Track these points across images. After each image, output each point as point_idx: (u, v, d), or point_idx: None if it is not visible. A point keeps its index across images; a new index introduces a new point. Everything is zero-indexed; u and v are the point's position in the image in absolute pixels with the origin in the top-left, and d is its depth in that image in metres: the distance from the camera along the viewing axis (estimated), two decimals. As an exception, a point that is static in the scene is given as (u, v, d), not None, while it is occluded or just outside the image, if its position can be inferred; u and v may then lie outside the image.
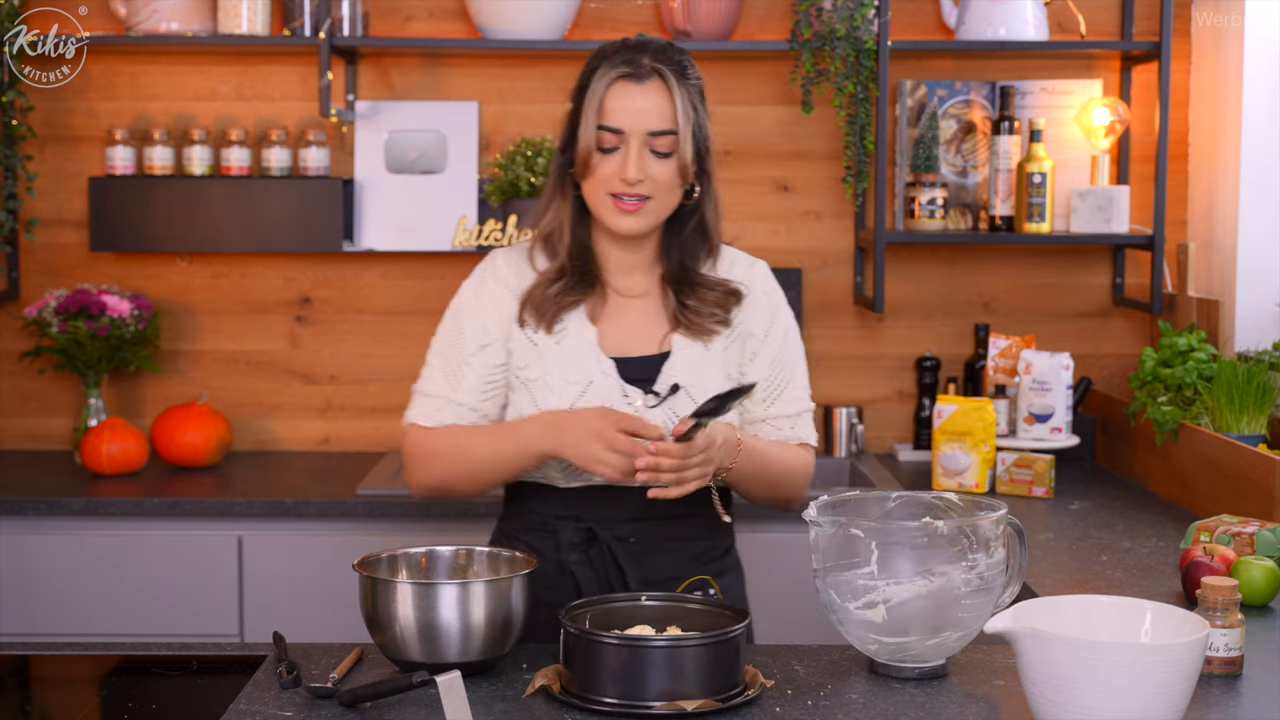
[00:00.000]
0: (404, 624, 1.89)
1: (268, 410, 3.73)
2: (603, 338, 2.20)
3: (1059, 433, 3.40)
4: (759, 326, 2.25)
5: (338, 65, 3.58)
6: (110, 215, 3.52)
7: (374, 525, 3.18)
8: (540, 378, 2.17)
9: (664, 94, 2.13)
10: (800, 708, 1.82)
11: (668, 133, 2.13)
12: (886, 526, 1.91)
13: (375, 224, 3.61)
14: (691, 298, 2.20)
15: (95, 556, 3.19)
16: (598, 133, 2.13)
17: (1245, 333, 3.35)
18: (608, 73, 2.13)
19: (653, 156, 2.13)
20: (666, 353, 2.20)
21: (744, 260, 2.30)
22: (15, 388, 3.71)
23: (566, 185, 2.21)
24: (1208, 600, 1.93)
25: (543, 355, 2.18)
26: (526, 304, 2.19)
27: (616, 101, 2.12)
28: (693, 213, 2.22)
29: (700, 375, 2.19)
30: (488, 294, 2.23)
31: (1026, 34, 3.45)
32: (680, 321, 2.20)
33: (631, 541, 2.20)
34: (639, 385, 2.17)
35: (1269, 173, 3.38)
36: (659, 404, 2.17)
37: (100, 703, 1.98)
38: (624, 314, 2.22)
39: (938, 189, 3.54)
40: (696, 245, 2.23)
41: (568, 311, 2.19)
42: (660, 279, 2.24)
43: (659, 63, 2.13)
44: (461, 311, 2.24)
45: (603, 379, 2.17)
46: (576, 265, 2.20)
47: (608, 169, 2.13)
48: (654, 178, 2.13)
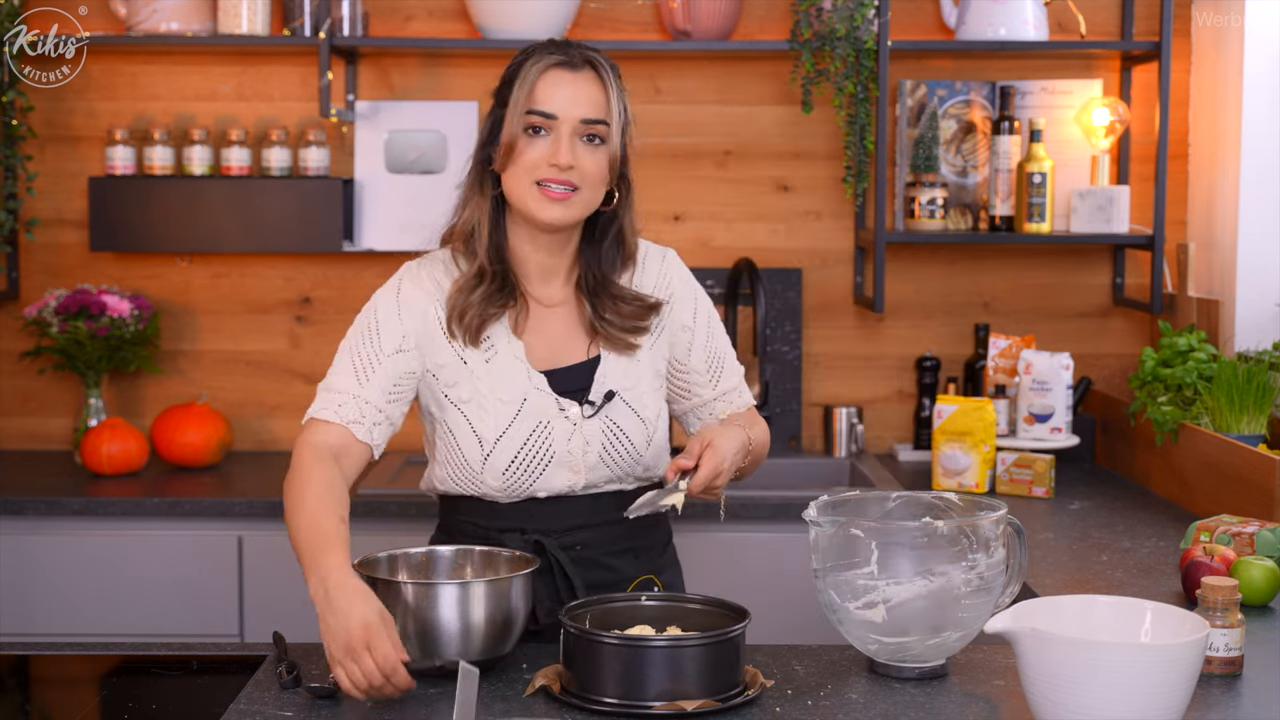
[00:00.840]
0: (404, 624, 1.89)
1: (268, 410, 3.73)
2: (530, 352, 2.17)
3: (1059, 433, 3.40)
4: (685, 316, 2.26)
5: (338, 65, 3.58)
6: (110, 215, 3.52)
7: (374, 525, 3.18)
8: (473, 398, 2.14)
9: (598, 84, 2.11)
10: (800, 708, 1.82)
11: (600, 122, 2.11)
12: (886, 526, 1.91)
13: (375, 224, 3.61)
14: (609, 310, 2.18)
15: (95, 556, 3.19)
16: (526, 117, 2.09)
17: (1245, 333, 3.35)
18: (540, 61, 2.11)
19: (582, 146, 2.11)
20: (596, 358, 2.20)
21: (655, 252, 2.28)
22: (15, 388, 3.71)
23: (485, 183, 2.17)
24: (1208, 600, 1.93)
25: (473, 374, 2.15)
26: (451, 312, 2.15)
27: (549, 88, 2.10)
28: (611, 221, 2.20)
29: (631, 378, 2.20)
30: (408, 301, 2.18)
31: (1026, 34, 3.45)
32: (598, 333, 2.19)
33: (577, 549, 2.20)
34: (572, 396, 2.17)
35: (1269, 173, 3.38)
36: (595, 413, 2.16)
37: (100, 703, 1.98)
38: (546, 324, 2.20)
39: (938, 189, 3.54)
40: (614, 255, 2.21)
41: (491, 324, 2.15)
42: (576, 288, 2.21)
43: (591, 56, 2.13)
44: (378, 314, 2.18)
45: (536, 395, 2.15)
46: (495, 269, 2.16)
47: (534, 155, 2.09)
48: (583, 168, 2.10)
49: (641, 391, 2.19)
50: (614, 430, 2.17)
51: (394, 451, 3.67)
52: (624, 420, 2.17)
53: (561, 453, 2.15)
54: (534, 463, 2.14)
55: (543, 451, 2.14)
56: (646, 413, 2.19)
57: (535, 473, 2.15)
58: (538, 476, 2.15)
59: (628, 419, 2.18)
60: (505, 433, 2.13)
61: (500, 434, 2.13)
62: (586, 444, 2.15)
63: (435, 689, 1.88)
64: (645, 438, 2.19)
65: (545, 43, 2.16)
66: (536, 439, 2.14)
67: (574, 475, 2.16)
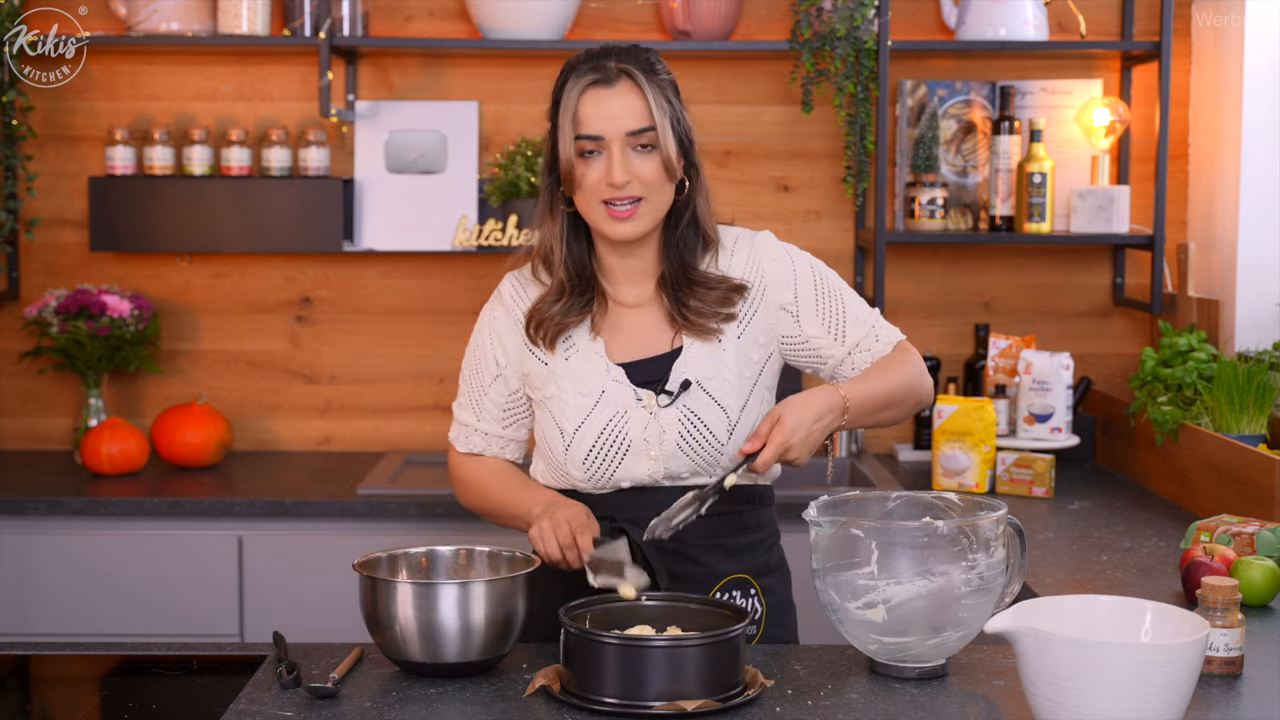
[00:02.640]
0: (404, 624, 1.89)
1: (268, 410, 3.73)
2: (609, 347, 2.20)
3: (1059, 433, 3.40)
4: (783, 297, 2.23)
5: (338, 65, 3.58)
6: (110, 215, 3.52)
7: (374, 525, 3.18)
8: (555, 395, 2.19)
9: (635, 93, 2.12)
10: (800, 708, 1.82)
11: (646, 129, 2.12)
12: (886, 526, 1.91)
13: (375, 224, 3.61)
14: (692, 298, 2.19)
15: (95, 556, 3.19)
16: (577, 142, 2.12)
17: (1245, 333, 3.35)
18: (576, 83, 2.13)
19: (636, 156, 2.12)
20: (678, 349, 2.20)
21: (745, 237, 2.27)
22: (15, 388, 3.71)
23: (557, 204, 2.20)
24: (1208, 600, 1.93)
25: (554, 373, 2.19)
26: (530, 322, 2.21)
27: (590, 108, 2.11)
28: (686, 207, 2.22)
29: (714, 367, 2.18)
30: (497, 326, 2.25)
31: (1027, 34, 3.45)
32: (681, 323, 2.20)
33: (664, 541, 2.19)
34: (650, 387, 2.18)
35: (1269, 173, 3.38)
36: (672, 403, 2.16)
37: (100, 703, 1.98)
38: (627, 321, 2.22)
39: (938, 189, 3.54)
40: (692, 240, 2.22)
41: (571, 329, 2.20)
42: (657, 285, 2.23)
43: (625, 64, 2.13)
44: (478, 343, 2.28)
45: (614, 387, 2.17)
46: (575, 283, 2.20)
47: (593, 177, 2.12)
48: (641, 177, 2.12)
49: (725, 380, 2.18)
50: (691, 419, 2.16)
51: (394, 451, 3.68)
52: (703, 409, 2.16)
53: (638, 441, 2.15)
54: (612, 451, 2.15)
55: (620, 440, 2.15)
56: (728, 402, 2.17)
57: (614, 461, 2.15)
58: (617, 466, 2.16)
59: (707, 408, 2.16)
60: (583, 423, 2.16)
61: (579, 425, 2.16)
62: (663, 432, 2.15)
63: (435, 689, 1.88)
64: (726, 427, 2.16)
65: (583, 56, 2.17)
66: (613, 428, 2.15)
67: (652, 464, 2.16)
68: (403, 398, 3.73)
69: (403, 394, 3.73)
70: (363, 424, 3.73)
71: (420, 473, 3.50)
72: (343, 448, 3.74)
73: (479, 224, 3.59)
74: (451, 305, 3.70)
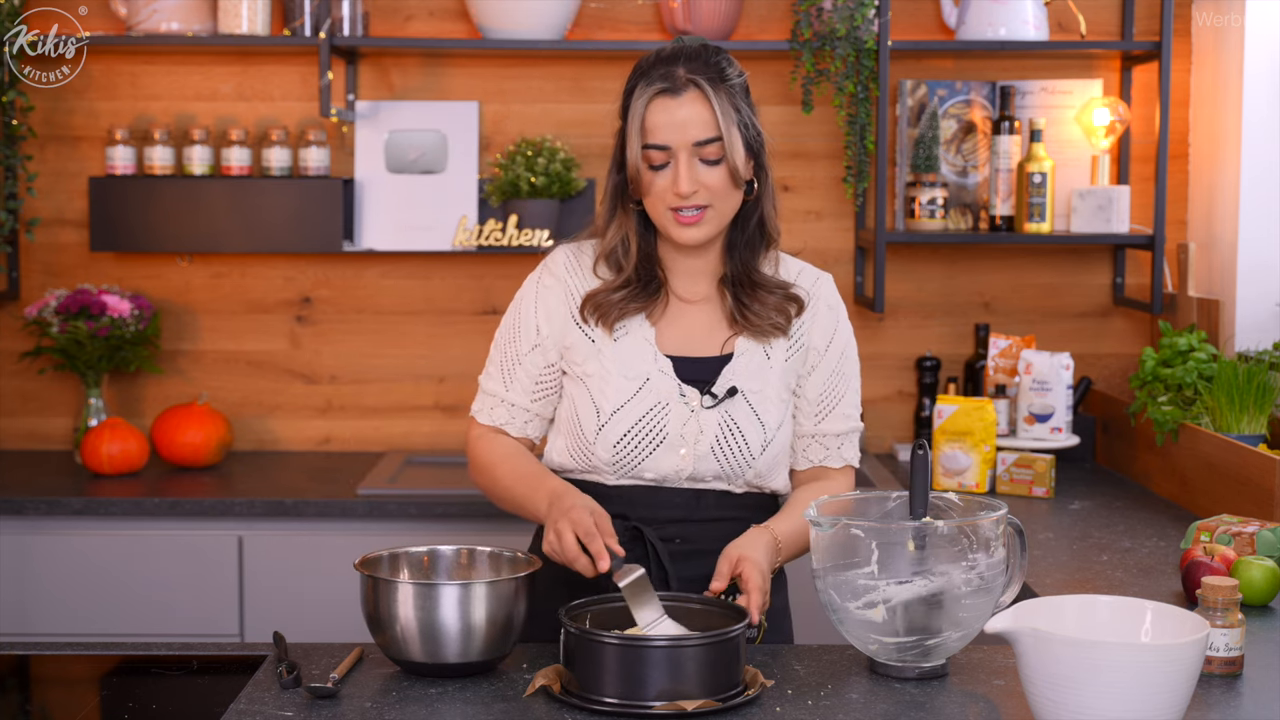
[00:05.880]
0: (405, 624, 1.89)
1: (268, 410, 3.73)
2: (661, 337, 2.21)
3: (1059, 433, 3.40)
4: (820, 339, 2.25)
5: (338, 65, 3.58)
6: (110, 215, 3.52)
7: (374, 525, 3.18)
8: (598, 374, 2.18)
9: (703, 103, 2.12)
10: (800, 708, 1.82)
11: (713, 140, 2.12)
12: (886, 526, 1.91)
13: (375, 224, 3.61)
14: (752, 300, 2.21)
15: (95, 556, 3.19)
16: (644, 151, 2.13)
17: (1245, 333, 3.35)
18: (645, 90, 2.13)
19: (703, 165, 2.13)
20: (729, 355, 2.21)
21: (810, 272, 2.30)
22: (15, 388, 3.71)
23: (627, 201, 2.21)
24: (1208, 600, 1.93)
25: (600, 352, 2.19)
26: (587, 303, 2.20)
27: (657, 117, 2.12)
28: (753, 209, 2.23)
29: (760, 380, 2.19)
30: (544, 294, 2.24)
31: (1027, 34, 3.45)
32: (740, 323, 2.20)
33: (676, 542, 2.19)
34: (696, 386, 2.18)
35: (1269, 173, 3.38)
36: (715, 405, 2.17)
37: (100, 703, 1.98)
38: (684, 315, 2.23)
39: (938, 189, 3.54)
40: (757, 240, 2.24)
41: (629, 316, 2.20)
42: (719, 284, 2.24)
43: (694, 72, 2.12)
44: (521, 308, 2.26)
45: (659, 377, 2.17)
46: (642, 276, 2.21)
47: (661, 185, 2.13)
48: (708, 185, 2.13)
49: (767, 396, 2.19)
50: (731, 425, 2.16)
51: (394, 451, 3.68)
52: (743, 419, 2.17)
53: (674, 436, 2.15)
54: (646, 441, 2.15)
55: (656, 431, 2.15)
56: (767, 418, 2.18)
57: (645, 451, 2.15)
58: (647, 455, 2.16)
59: (747, 419, 2.17)
60: (623, 407, 2.16)
61: (618, 407, 2.16)
62: (700, 432, 2.16)
63: (435, 689, 1.89)
64: (761, 442, 2.17)
65: (653, 59, 2.16)
66: (652, 417, 2.16)
67: (682, 461, 2.16)
68: (403, 398, 3.73)
69: (403, 394, 3.73)
70: (363, 424, 3.73)
71: (420, 473, 3.50)
72: (343, 448, 3.74)
73: (479, 224, 3.59)
74: (452, 305, 3.70)
